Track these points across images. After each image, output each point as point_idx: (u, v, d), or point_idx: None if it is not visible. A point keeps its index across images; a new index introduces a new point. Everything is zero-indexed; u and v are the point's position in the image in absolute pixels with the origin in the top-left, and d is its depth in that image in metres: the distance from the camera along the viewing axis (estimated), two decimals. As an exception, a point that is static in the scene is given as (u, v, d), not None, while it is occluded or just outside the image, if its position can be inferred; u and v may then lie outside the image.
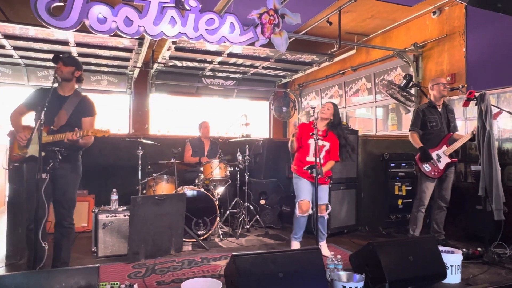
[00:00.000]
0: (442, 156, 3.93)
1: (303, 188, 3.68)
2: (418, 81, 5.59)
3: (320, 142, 3.59)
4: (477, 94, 3.78)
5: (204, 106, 8.49)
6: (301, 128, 3.75)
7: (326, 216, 3.77)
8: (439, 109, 4.03)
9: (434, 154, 3.92)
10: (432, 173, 3.90)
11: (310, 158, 3.66)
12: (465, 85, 4.36)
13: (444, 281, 2.85)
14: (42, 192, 2.55)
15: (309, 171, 3.36)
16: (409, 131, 4.07)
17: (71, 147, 2.84)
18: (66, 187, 2.90)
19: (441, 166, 3.91)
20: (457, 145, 3.93)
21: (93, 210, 3.86)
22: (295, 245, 3.77)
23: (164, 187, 4.52)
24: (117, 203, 3.96)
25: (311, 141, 3.63)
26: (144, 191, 4.64)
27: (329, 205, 3.76)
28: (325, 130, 3.68)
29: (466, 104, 3.89)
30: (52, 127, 2.82)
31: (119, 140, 4.86)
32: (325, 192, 3.67)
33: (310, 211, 3.68)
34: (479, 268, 3.28)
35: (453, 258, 2.91)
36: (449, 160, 3.92)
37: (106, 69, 7.23)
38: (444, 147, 3.94)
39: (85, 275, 2.11)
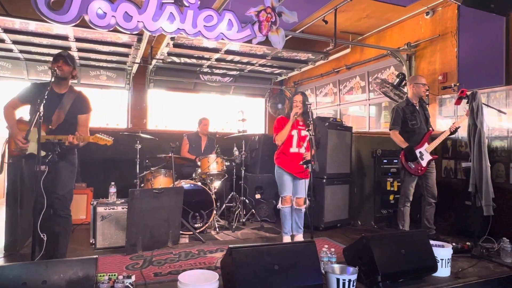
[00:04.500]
0: (424, 153, 3.90)
1: (285, 183, 3.71)
2: (410, 80, 5.59)
3: (303, 132, 3.69)
4: (468, 93, 3.79)
5: (202, 102, 8.45)
6: (280, 122, 3.78)
7: (303, 210, 3.77)
8: (417, 107, 4.01)
9: (417, 152, 3.90)
10: (416, 170, 3.88)
11: (294, 149, 3.71)
12: (457, 84, 4.35)
13: (434, 274, 2.87)
14: (41, 184, 2.51)
15: (305, 166, 3.39)
16: (390, 130, 4.02)
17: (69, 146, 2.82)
18: (64, 178, 2.87)
19: (424, 163, 3.89)
20: (437, 141, 3.90)
21: (92, 203, 3.85)
22: (286, 239, 3.77)
23: (161, 181, 4.53)
24: (115, 196, 3.94)
25: (294, 132, 3.69)
26: (142, 185, 4.64)
27: (307, 199, 3.75)
28: (303, 120, 3.74)
29: (458, 102, 3.90)
30: (50, 126, 2.79)
31: (117, 134, 4.79)
32: (305, 185, 3.67)
33: (291, 204, 3.72)
34: (468, 261, 3.29)
35: (443, 252, 2.92)
36: (430, 157, 3.90)
37: (105, 64, 7.15)
38: (426, 145, 3.92)
39: (83, 266, 2.10)
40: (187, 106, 8.38)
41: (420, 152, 3.90)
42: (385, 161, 4.89)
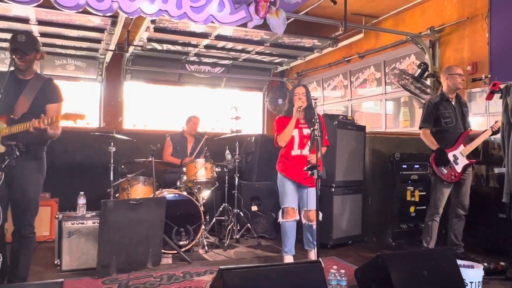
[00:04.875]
0: (459, 157, 3.94)
1: (288, 192, 3.73)
2: (434, 70, 5.60)
3: (305, 131, 3.71)
4: (502, 86, 3.79)
5: (188, 96, 8.45)
6: (280, 122, 3.81)
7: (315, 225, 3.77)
8: (453, 103, 4.04)
9: (450, 155, 3.93)
10: (449, 177, 3.91)
11: (296, 151, 3.74)
12: (489, 76, 4.36)
13: (462, 300, 2.86)
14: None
15: (309, 172, 3.32)
16: (420, 128, 4.07)
17: (35, 140, 2.79)
18: (27, 188, 2.83)
19: (459, 168, 3.92)
20: (476, 143, 3.93)
21: (57, 216, 3.84)
22: (288, 259, 3.78)
23: (140, 190, 4.53)
24: (84, 208, 3.94)
25: (294, 132, 3.71)
26: (117, 195, 4.64)
27: (319, 212, 3.76)
28: (304, 118, 3.76)
29: (489, 97, 3.91)
30: (12, 116, 2.76)
31: (88, 134, 4.86)
32: (313, 195, 3.61)
33: (297, 217, 3.72)
34: (502, 285, 3.30)
35: (473, 274, 2.92)
36: (467, 162, 3.94)
37: (73, 52, 7.14)
38: (461, 147, 3.95)
39: (46, 291, 2.08)
40: (171, 101, 8.38)
41: (454, 155, 3.94)
42: (404, 166, 4.90)
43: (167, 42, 6.34)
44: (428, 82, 5.51)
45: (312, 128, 3.44)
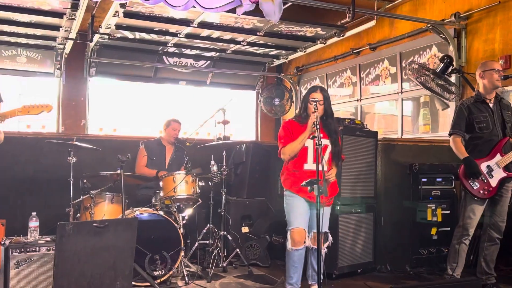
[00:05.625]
0: (494, 168, 3.95)
1: (297, 211, 3.72)
2: (460, 65, 5.64)
3: (323, 142, 3.62)
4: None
5: (166, 96, 8.41)
6: (289, 129, 3.80)
7: (325, 250, 3.80)
8: (491, 105, 4.06)
9: (483, 166, 3.94)
10: (481, 192, 3.92)
11: (310, 165, 3.70)
12: (525, 72, 4.41)
13: None
14: None
15: (308, 188, 3.33)
16: (450, 134, 4.10)
17: None
18: None
19: (493, 182, 3.93)
20: None
21: (3, 243, 3.78)
22: None
23: (106, 210, 4.49)
24: (37, 232, 3.88)
25: (309, 143, 3.66)
26: (78, 215, 4.58)
27: (329, 235, 3.78)
28: (321, 124, 3.64)
29: (525, 97, 3.93)
30: None
31: (42, 142, 4.81)
32: (325, 216, 3.63)
33: (307, 243, 3.72)
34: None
35: (505, 310, 2.94)
36: (504, 174, 3.95)
37: (25, 40, 7.11)
38: (498, 157, 3.96)
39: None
40: (145, 102, 8.33)
41: (488, 167, 3.96)
42: (424, 179, 4.89)
43: (141, 29, 6.33)
44: (452, 78, 5.50)
45: (312, 136, 3.45)
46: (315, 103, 3.59)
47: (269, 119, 9.13)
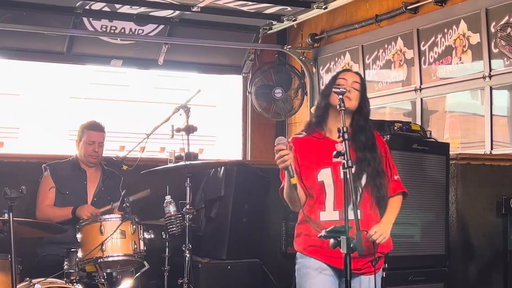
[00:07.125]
0: None
1: (315, 286, 3.05)
2: None
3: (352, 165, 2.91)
4: None
5: (87, 86, 6.78)
6: (299, 147, 3.13)
7: None
8: None
9: None
10: None
11: (329, 214, 3.08)
12: None
13: None
14: None
15: (331, 241, 2.66)
16: None
17: None
18: None
19: None
20: None
21: None
22: None
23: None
24: None
25: (326, 174, 3.07)
26: None
27: None
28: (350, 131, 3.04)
29: None
30: None
31: None
32: None
33: None
34: None
35: None
36: None
37: None
38: None
39: None
40: (53, 96, 6.81)
41: None
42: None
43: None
44: None
45: (336, 152, 2.69)
46: (340, 95, 2.76)
47: (266, 123, 7.50)
